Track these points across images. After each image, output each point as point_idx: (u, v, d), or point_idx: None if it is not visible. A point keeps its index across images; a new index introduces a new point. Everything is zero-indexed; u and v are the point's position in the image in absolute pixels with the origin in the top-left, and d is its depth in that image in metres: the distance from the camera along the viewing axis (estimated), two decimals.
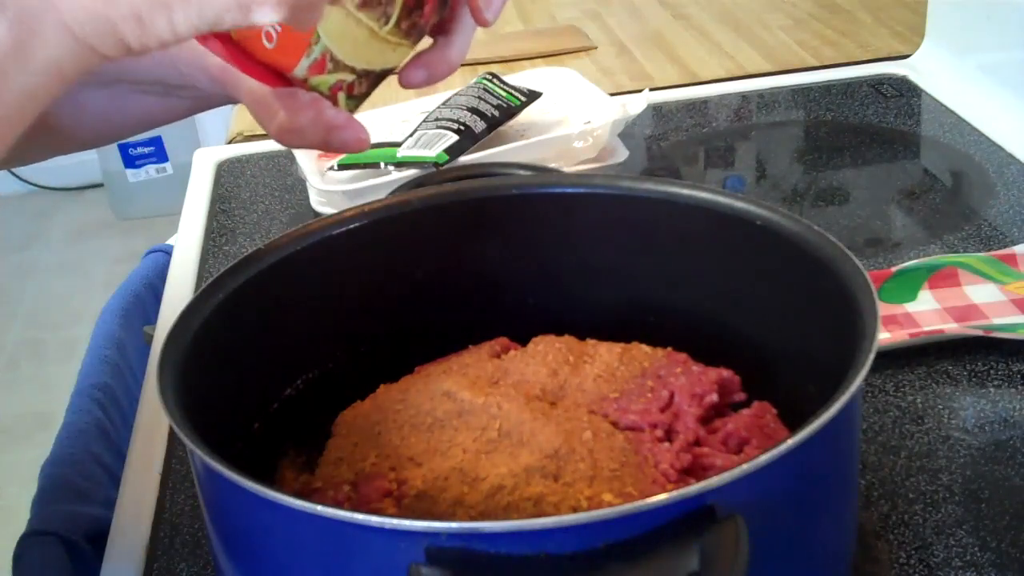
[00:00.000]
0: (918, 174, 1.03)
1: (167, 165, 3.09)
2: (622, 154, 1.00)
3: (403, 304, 0.64)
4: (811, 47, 1.28)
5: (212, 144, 1.19)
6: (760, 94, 1.18)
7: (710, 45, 1.31)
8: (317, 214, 0.96)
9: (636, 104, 1.02)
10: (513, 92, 1.03)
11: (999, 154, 0.99)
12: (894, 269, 0.79)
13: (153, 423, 0.75)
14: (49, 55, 0.40)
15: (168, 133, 3.04)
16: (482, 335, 0.62)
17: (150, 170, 3.09)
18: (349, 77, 0.51)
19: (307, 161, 0.98)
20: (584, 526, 0.40)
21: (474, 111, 0.97)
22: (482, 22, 0.53)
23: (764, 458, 0.42)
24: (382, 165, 0.95)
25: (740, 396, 0.59)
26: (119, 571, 0.63)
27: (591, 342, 0.60)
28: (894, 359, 0.72)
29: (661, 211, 0.63)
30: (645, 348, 0.61)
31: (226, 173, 1.09)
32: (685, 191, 0.63)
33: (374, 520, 0.41)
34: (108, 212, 3.13)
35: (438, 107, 1.00)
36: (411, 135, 0.96)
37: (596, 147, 0.98)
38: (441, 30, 0.55)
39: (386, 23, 0.50)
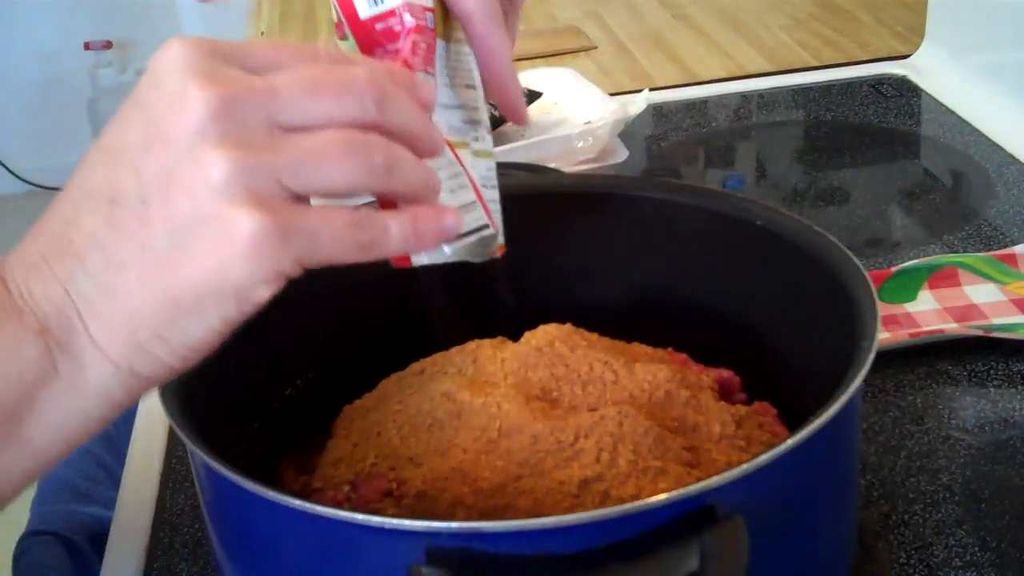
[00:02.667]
0: (918, 174, 1.03)
1: None
2: (622, 154, 1.00)
3: (403, 304, 0.64)
4: (811, 47, 1.28)
5: None
6: (760, 94, 1.18)
7: (710, 45, 1.31)
8: None
9: (636, 104, 1.02)
10: None
11: (999, 154, 0.99)
12: (894, 269, 0.79)
13: (153, 423, 0.75)
14: (96, 384, 0.41)
15: None
16: (482, 335, 0.62)
17: None
18: None
19: None
20: (584, 526, 0.40)
21: None
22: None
23: (764, 458, 0.42)
24: None
25: (740, 396, 0.59)
26: (119, 571, 0.63)
27: (593, 337, 0.60)
28: (894, 359, 0.72)
29: (661, 211, 0.63)
30: (645, 348, 0.61)
31: None
32: (685, 191, 0.64)
33: (374, 520, 0.42)
34: None
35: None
36: None
37: (596, 147, 0.98)
38: None
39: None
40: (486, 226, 0.49)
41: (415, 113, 0.42)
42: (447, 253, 0.48)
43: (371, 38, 0.48)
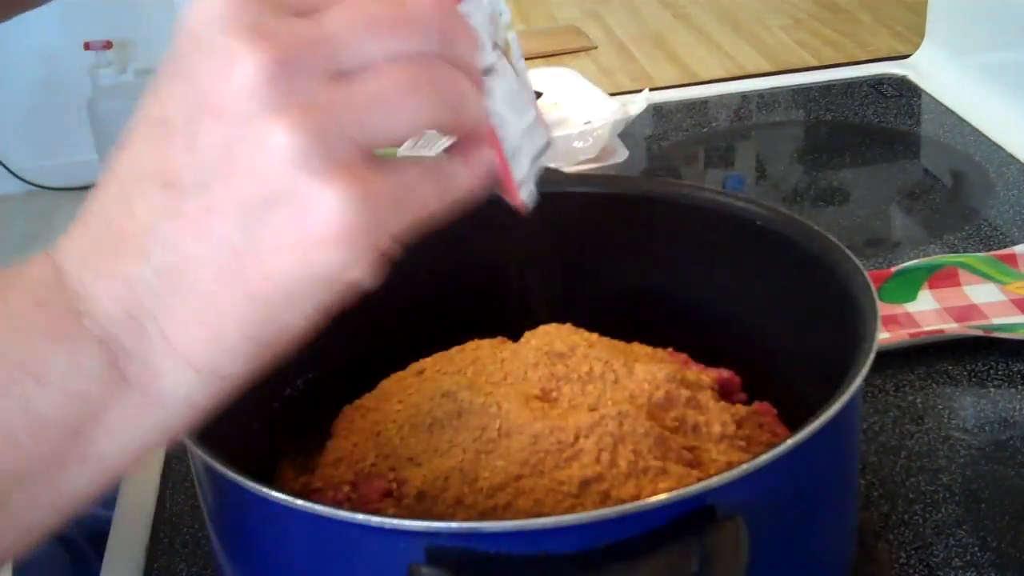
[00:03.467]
0: (918, 174, 1.03)
1: None
2: (622, 154, 1.00)
3: (403, 304, 0.64)
4: (811, 47, 1.28)
5: None
6: (760, 94, 1.18)
7: (710, 45, 1.31)
8: None
9: (636, 104, 1.02)
10: None
11: (999, 154, 0.99)
12: (894, 269, 0.79)
13: None
14: (176, 392, 0.37)
15: None
16: (482, 334, 0.62)
17: None
18: None
19: None
20: (584, 526, 0.40)
21: None
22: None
23: (764, 458, 0.42)
24: None
25: (740, 396, 0.59)
26: (119, 571, 0.63)
27: (593, 337, 0.60)
28: (894, 359, 0.72)
29: (661, 211, 0.63)
30: (645, 348, 0.61)
31: None
32: (685, 191, 0.64)
33: (374, 520, 0.42)
34: None
35: None
36: None
37: (596, 147, 0.98)
38: None
39: None
40: (548, 144, 0.44)
41: (471, 49, 0.38)
42: (532, 188, 0.43)
43: None
